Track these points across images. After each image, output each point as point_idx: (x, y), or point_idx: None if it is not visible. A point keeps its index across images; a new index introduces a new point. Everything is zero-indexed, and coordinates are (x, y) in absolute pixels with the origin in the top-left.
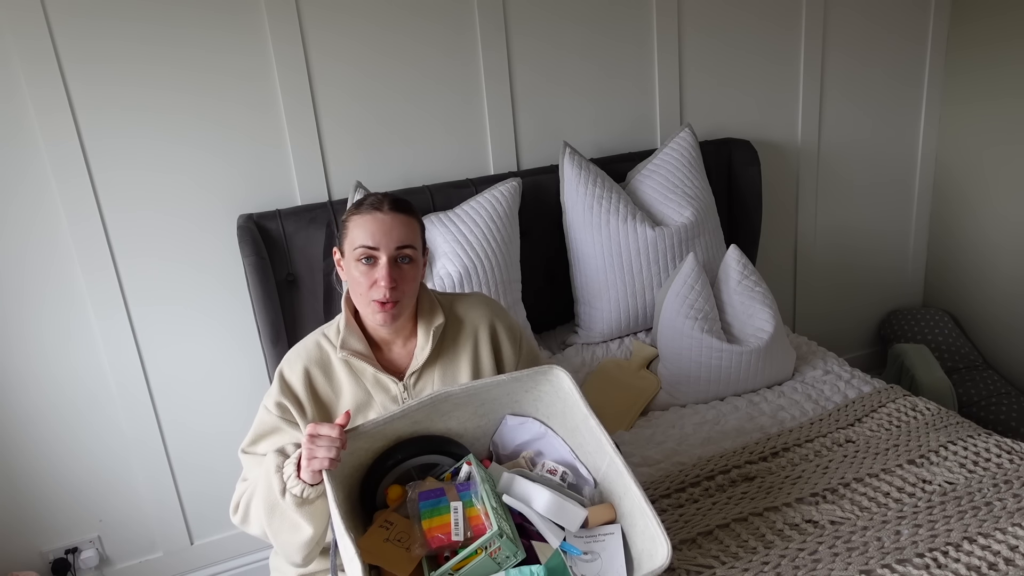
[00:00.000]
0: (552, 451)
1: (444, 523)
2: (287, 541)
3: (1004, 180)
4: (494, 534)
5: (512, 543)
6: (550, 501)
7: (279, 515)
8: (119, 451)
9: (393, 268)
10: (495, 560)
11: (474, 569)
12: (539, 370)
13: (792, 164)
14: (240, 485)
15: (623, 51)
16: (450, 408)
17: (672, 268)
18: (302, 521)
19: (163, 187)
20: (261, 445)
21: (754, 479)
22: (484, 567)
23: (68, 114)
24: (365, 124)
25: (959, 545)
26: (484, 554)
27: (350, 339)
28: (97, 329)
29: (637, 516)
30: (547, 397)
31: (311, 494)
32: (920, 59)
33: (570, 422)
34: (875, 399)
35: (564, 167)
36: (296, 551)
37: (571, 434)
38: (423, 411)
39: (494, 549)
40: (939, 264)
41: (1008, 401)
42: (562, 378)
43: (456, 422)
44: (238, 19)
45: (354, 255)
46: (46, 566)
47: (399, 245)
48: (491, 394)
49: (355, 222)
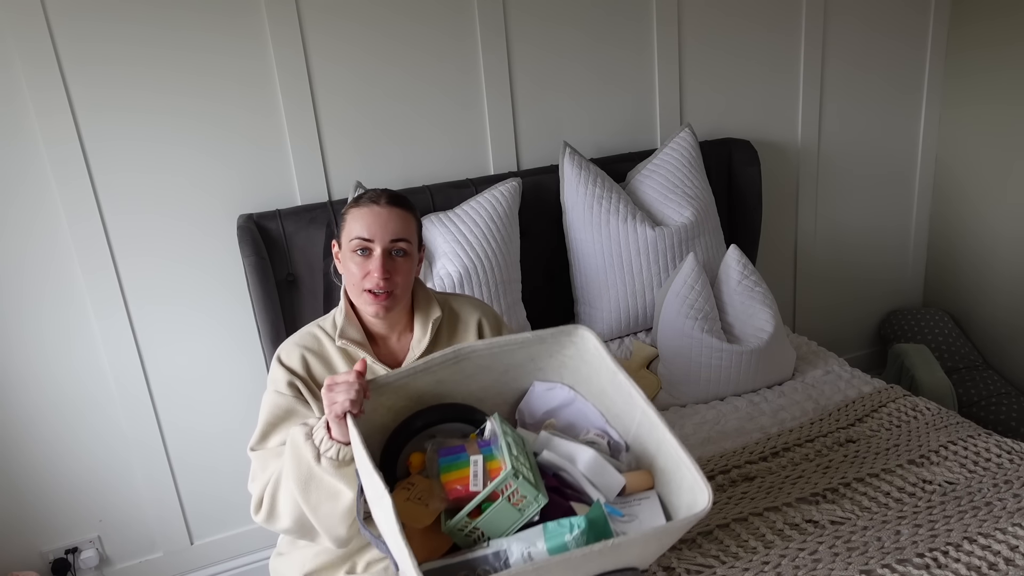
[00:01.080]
0: (582, 417)
1: (463, 475)
2: (328, 513)
3: (1004, 180)
4: (508, 474)
5: (532, 486)
6: (593, 460)
7: (315, 486)
8: (119, 451)
9: (387, 260)
10: (517, 508)
11: (494, 518)
12: (563, 330)
13: (792, 164)
14: (253, 485)
15: (623, 51)
16: (473, 370)
17: (672, 268)
18: (341, 485)
19: (163, 188)
20: (273, 438)
21: (754, 479)
22: (505, 515)
23: (69, 116)
24: (365, 125)
25: (959, 545)
26: (503, 500)
27: (348, 328)
28: (97, 329)
29: (673, 471)
30: (572, 362)
31: (346, 454)
32: (920, 59)
33: (596, 386)
34: (875, 399)
35: (564, 167)
36: (339, 521)
37: (599, 398)
38: (446, 369)
39: (512, 492)
40: (939, 264)
41: (1008, 401)
42: (587, 337)
43: (479, 386)
44: (239, 22)
45: (350, 246)
46: (46, 566)
47: (394, 238)
48: (515, 357)
49: (353, 215)
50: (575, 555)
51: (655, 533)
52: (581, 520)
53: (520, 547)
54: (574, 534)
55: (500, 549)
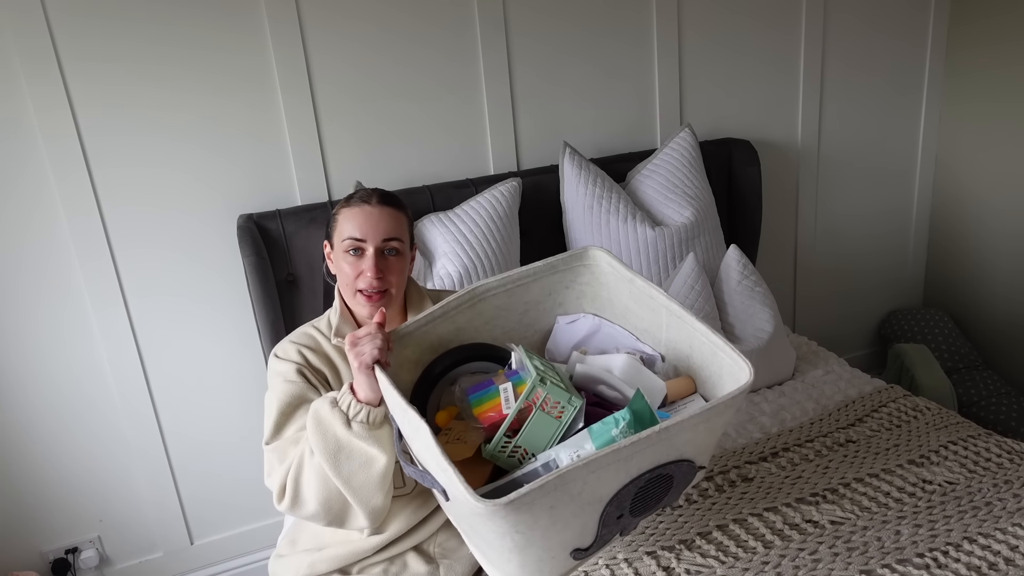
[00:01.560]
0: (611, 342)
1: (495, 404)
2: (363, 482)
3: (1004, 179)
4: (535, 381)
5: (563, 390)
6: (628, 364)
7: (346, 456)
8: (119, 451)
9: (379, 259)
10: (555, 418)
11: (533, 430)
12: (573, 254)
13: (792, 164)
14: (271, 479)
15: (623, 51)
16: (492, 312)
17: (672, 268)
18: (374, 450)
19: (163, 186)
20: (288, 428)
21: (754, 479)
22: (544, 426)
23: (68, 112)
24: (365, 124)
25: (959, 545)
26: (537, 411)
27: (344, 327)
28: (97, 329)
29: (710, 362)
30: (590, 289)
31: (376, 416)
32: (920, 59)
33: (619, 306)
34: (875, 399)
35: (564, 167)
36: (376, 489)
37: (624, 317)
38: (464, 314)
39: (545, 401)
40: (939, 264)
41: (1008, 401)
42: (599, 256)
43: (501, 330)
44: (238, 19)
45: (342, 246)
46: (46, 566)
47: (386, 237)
48: (531, 292)
49: (344, 214)
50: (623, 446)
51: (702, 415)
52: (625, 412)
53: (568, 452)
54: (620, 427)
55: (549, 460)
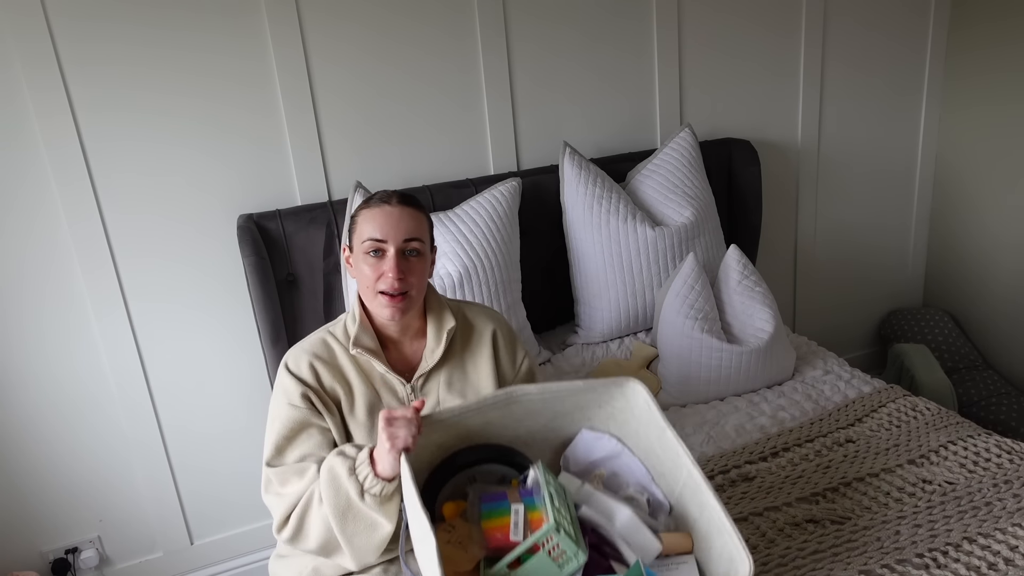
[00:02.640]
0: (627, 471)
1: (504, 523)
2: (363, 544)
3: (1004, 180)
4: (550, 527)
5: (573, 542)
6: (629, 520)
7: (353, 518)
8: (119, 451)
9: (401, 260)
10: (557, 564)
11: (533, 570)
12: (614, 381)
13: (792, 164)
14: (274, 500)
15: (623, 51)
16: (523, 414)
17: (672, 268)
18: (381, 519)
19: (163, 188)
20: (290, 452)
21: (754, 479)
22: (544, 569)
23: (69, 116)
24: (365, 124)
25: (959, 545)
26: (543, 554)
27: (362, 336)
28: (97, 329)
29: (715, 536)
30: (621, 415)
31: (390, 490)
32: (920, 59)
33: (644, 441)
34: (875, 399)
35: (564, 167)
36: (372, 551)
37: (646, 454)
38: (497, 410)
39: (553, 547)
40: (939, 264)
41: (1008, 401)
42: (638, 391)
43: (526, 430)
44: (239, 22)
45: (363, 248)
46: (46, 566)
47: (407, 237)
48: (564, 404)
49: (364, 216)
50: None
51: None
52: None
53: None
54: None
55: None
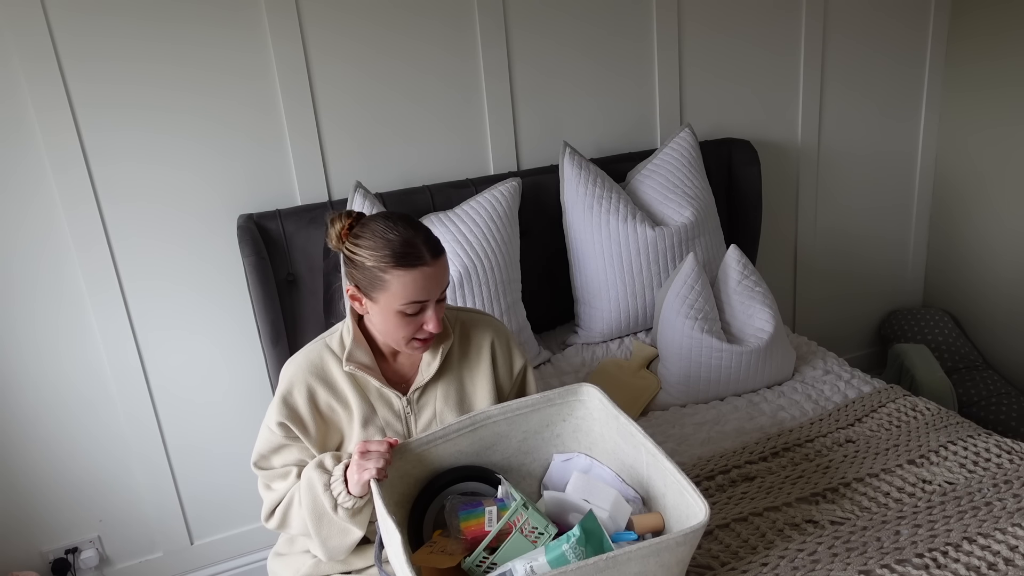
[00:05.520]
0: (600, 482)
1: (480, 521)
2: (336, 545)
3: (1004, 180)
4: (518, 504)
5: (542, 517)
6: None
7: (327, 522)
8: (119, 451)
9: (437, 308)
10: (530, 541)
11: (509, 550)
12: (568, 390)
13: (792, 164)
14: (265, 493)
15: (623, 51)
16: (492, 439)
17: (672, 268)
18: (352, 527)
19: (163, 186)
20: (273, 459)
21: (754, 479)
22: (519, 546)
23: (67, 112)
24: (365, 124)
25: (959, 545)
26: (516, 533)
27: (357, 352)
28: (96, 329)
29: (678, 502)
30: (584, 423)
31: (360, 504)
32: (920, 60)
33: (609, 442)
34: (875, 399)
35: (564, 167)
36: (344, 551)
37: (613, 455)
38: (466, 437)
39: (524, 523)
40: (939, 264)
41: (1008, 401)
42: (592, 393)
43: (500, 456)
44: (237, 16)
45: (400, 308)
46: (46, 566)
47: (443, 288)
48: (531, 423)
49: (397, 277)
50: (571, 569)
51: (651, 547)
52: (576, 529)
53: (523, 564)
54: (570, 542)
55: (506, 570)
